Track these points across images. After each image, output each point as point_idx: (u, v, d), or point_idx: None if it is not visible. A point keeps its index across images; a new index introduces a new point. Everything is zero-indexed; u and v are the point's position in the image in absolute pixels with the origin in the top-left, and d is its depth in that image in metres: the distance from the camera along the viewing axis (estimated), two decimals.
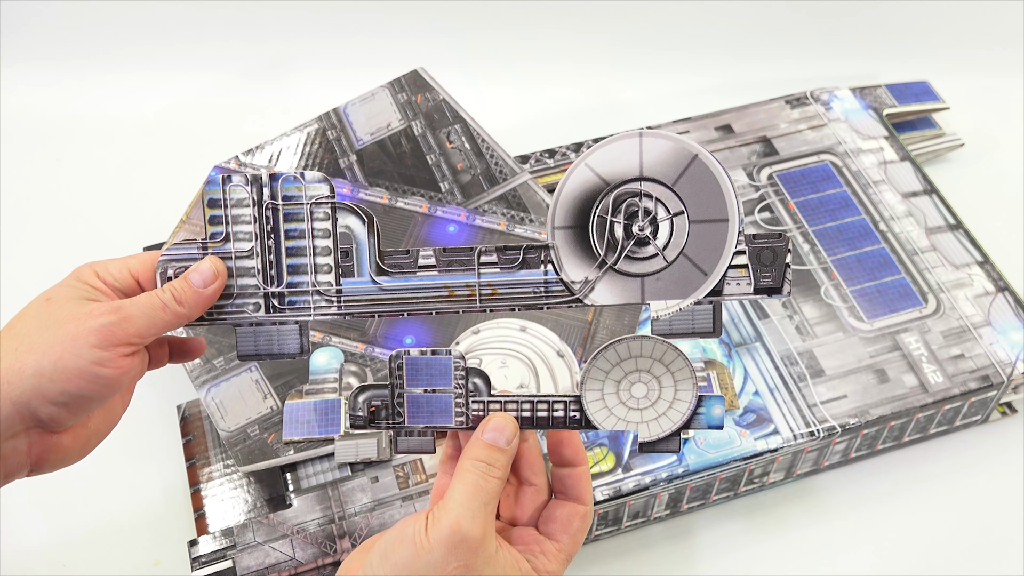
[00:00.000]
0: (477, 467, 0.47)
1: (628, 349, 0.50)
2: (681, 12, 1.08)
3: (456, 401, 0.50)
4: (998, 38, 1.08)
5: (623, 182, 0.50)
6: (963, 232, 0.84)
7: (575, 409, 0.51)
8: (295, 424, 0.71)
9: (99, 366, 0.45)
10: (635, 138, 0.50)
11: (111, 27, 1.07)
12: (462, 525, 0.44)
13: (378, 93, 0.89)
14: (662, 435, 0.50)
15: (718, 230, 0.49)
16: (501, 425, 0.48)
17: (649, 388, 0.51)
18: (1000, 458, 0.77)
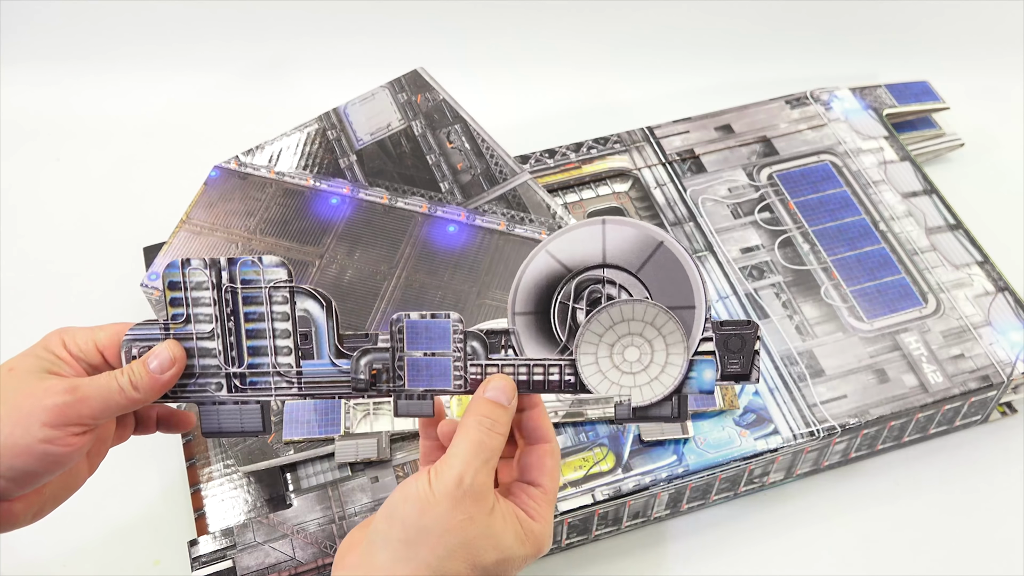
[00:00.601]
0: (482, 422, 0.48)
1: (621, 313, 0.50)
2: (681, 12, 1.08)
3: (455, 364, 0.51)
4: (998, 38, 1.08)
5: (585, 268, 0.51)
6: (963, 232, 0.84)
7: (570, 372, 0.51)
8: (295, 424, 0.71)
9: (48, 444, 0.45)
10: (598, 225, 0.50)
11: (111, 27, 1.07)
12: (465, 478, 0.46)
13: (378, 93, 0.89)
14: (654, 399, 0.50)
15: (684, 317, 0.50)
16: (502, 384, 0.49)
17: (642, 352, 0.50)
18: (1000, 458, 0.77)
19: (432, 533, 0.45)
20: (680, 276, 0.50)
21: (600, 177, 0.87)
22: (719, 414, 0.72)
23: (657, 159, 0.89)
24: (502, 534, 0.47)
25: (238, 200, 0.82)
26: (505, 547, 0.47)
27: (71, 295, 0.88)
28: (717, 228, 0.83)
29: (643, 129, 0.91)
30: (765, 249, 0.82)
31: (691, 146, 0.90)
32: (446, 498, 0.45)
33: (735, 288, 0.79)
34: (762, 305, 0.78)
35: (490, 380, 0.50)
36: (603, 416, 0.71)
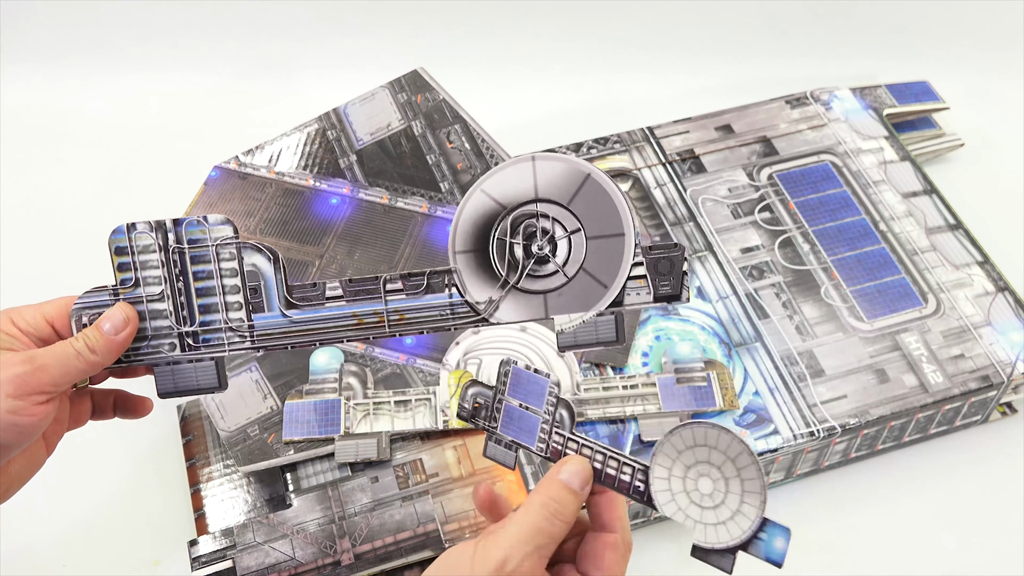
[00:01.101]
0: (547, 505, 0.46)
1: (705, 436, 0.49)
2: (681, 12, 1.08)
3: (542, 427, 0.51)
4: (998, 38, 1.08)
5: (519, 204, 0.51)
6: (963, 232, 0.84)
7: (641, 480, 0.50)
8: (295, 424, 0.71)
9: (14, 415, 0.45)
10: (528, 162, 0.51)
11: (111, 27, 1.07)
12: (509, 564, 0.44)
13: (378, 93, 0.89)
14: (717, 546, 0.49)
15: (615, 244, 0.51)
16: (578, 469, 0.48)
17: (716, 487, 0.49)
18: (1000, 458, 0.77)
19: None
20: (608, 206, 0.51)
21: None
22: (719, 414, 0.72)
23: (657, 159, 0.89)
24: None
25: (238, 200, 0.82)
26: None
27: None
28: (717, 228, 0.83)
29: (643, 129, 0.91)
30: (765, 249, 0.82)
31: (691, 146, 0.90)
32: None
33: (735, 288, 0.79)
34: (762, 305, 0.78)
35: (568, 461, 0.48)
36: (603, 416, 0.71)
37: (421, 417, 0.71)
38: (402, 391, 0.72)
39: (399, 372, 0.73)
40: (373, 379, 0.73)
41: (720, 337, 0.76)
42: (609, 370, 0.74)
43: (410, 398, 0.72)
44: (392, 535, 0.66)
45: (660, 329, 0.77)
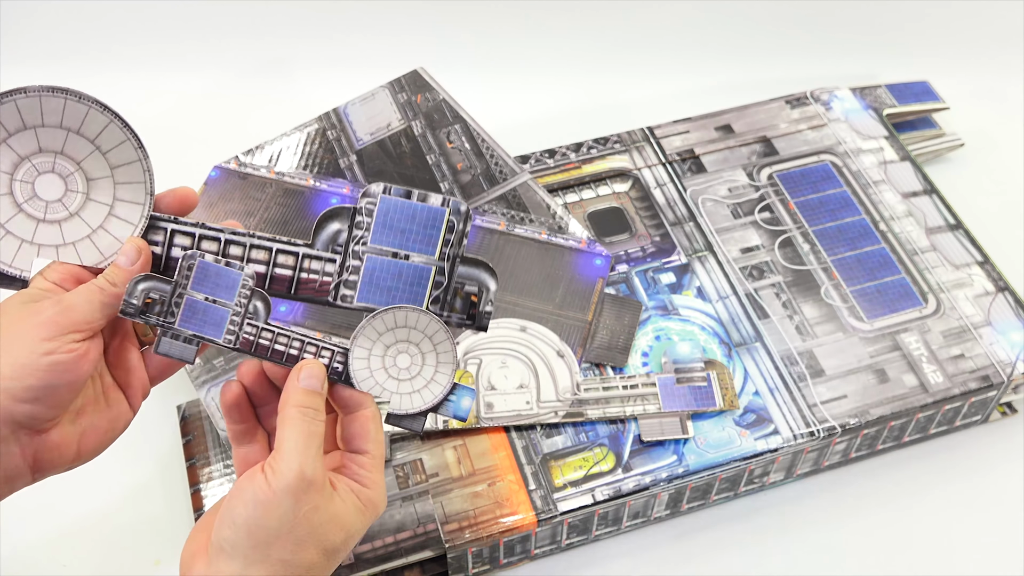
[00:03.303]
0: (305, 413, 0.48)
1: (406, 318, 0.51)
2: (682, 12, 1.08)
3: (232, 319, 0.51)
4: (998, 38, 1.08)
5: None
6: (963, 232, 0.84)
7: (340, 362, 0.51)
8: None
9: (51, 355, 0.46)
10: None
11: (111, 27, 1.07)
12: (306, 470, 0.46)
13: (378, 93, 0.89)
14: (411, 411, 0.52)
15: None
16: (315, 372, 0.50)
17: (413, 361, 0.52)
18: (1000, 458, 0.77)
19: (281, 531, 0.46)
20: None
21: (600, 177, 0.87)
22: (719, 414, 0.72)
23: (657, 159, 0.89)
24: (344, 513, 0.48)
25: (238, 200, 0.82)
26: (349, 523, 0.48)
27: None
28: (717, 228, 0.83)
29: (643, 129, 0.91)
30: (765, 249, 0.82)
31: (691, 146, 0.90)
32: (288, 495, 0.46)
33: (735, 288, 0.79)
34: (762, 305, 0.78)
35: (302, 367, 0.50)
36: (603, 416, 0.71)
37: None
38: None
39: None
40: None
41: (720, 337, 0.76)
42: (609, 370, 0.74)
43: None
44: (392, 535, 0.66)
45: (660, 329, 0.77)
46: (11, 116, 0.46)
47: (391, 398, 0.52)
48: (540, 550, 0.70)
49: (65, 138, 0.47)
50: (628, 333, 0.76)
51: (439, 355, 0.52)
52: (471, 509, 0.67)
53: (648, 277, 0.80)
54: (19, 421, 0.46)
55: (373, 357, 0.52)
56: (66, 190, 0.48)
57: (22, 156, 0.47)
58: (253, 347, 0.51)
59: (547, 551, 0.71)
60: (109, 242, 0.49)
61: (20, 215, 0.48)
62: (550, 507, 0.67)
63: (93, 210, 0.49)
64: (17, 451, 0.47)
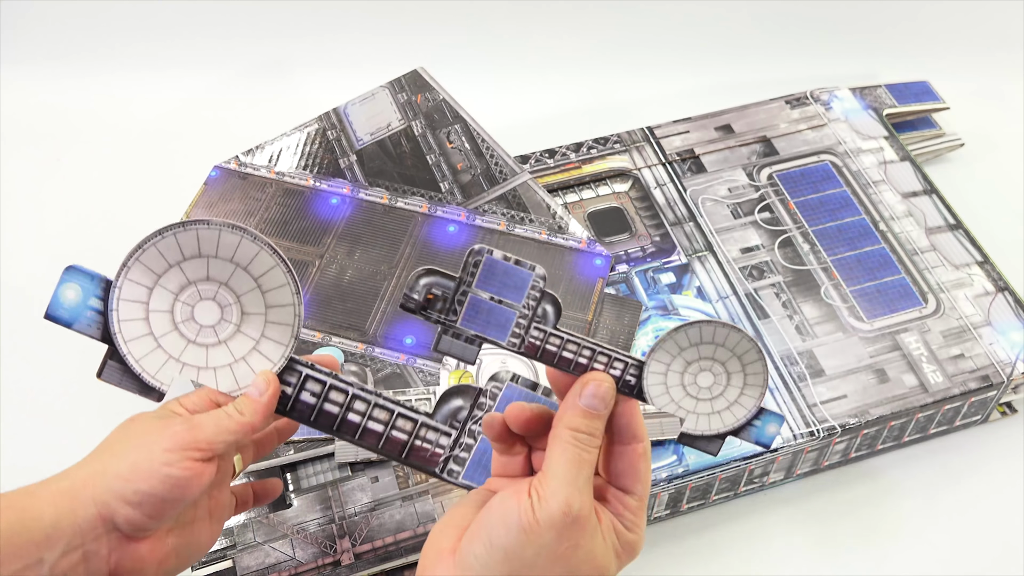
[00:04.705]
0: (579, 439, 0.45)
1: (713, 334, 0.48)
2: (681, 12, 1.08)
3: (518, 321, 0.48)
4: (998, 38, 1.08)
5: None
6: (963, 232, 0.84)
7: (633, 375, 0.48)
8: None
9: (168, 467, 0.47)
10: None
11: (111, 27, 1.07)
12: (573, 505, 0.43)
13: (378, 93, 0.89)
14: (708, 432, 0.49)
15: None
16: (600, 391, 0.46)
17: (716, 381, 0.49)
18: (1000, 458, 0.77)
19: (536, 564, 0.43)
20: None
21: (600, 177, 0.87)
22: None
23: (657, 159, 0.89)
24: (603, 554, 0.45)
25: (238, 200, 0.82)
26: (603, 565, 0.45)
27: None
28: (717, 228, 0.83)
29: (643, 129, 0.91)
30: (765, 249, 0.82)
31: (691, 146, 0.90)
32: (551, 528, 0.43)
33: (735, 288, 0.79)
34: (762, 305, 0.78)
35: (588, 382, 0.47)
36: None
37: None
38: (402, 391, 0.72)
39: (399, 372, 0.73)
40: (373, 379, 0.73)
41: None
42: None
43: (410, 398, 0.72)
44: (392, 535, 0.66)
45: (660, 329, 0.77)
46: (190, 243, 0.49)
47: (687, 417, 0.49)
48: None
49: (232, 271, 0.49)
50: (628, 333, 0.76)
51: (747, 376, 0.49)
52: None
53: (648, 277, 0.80)
54: (118, 523, 0.47)
55: (671, 373, 0.49)
56: (221, 319, 0.50)
57: (190, 280, 0.50)
58: (539, 352, 0.48)
59: None
60: (246, 373, 0.51)
61: (174, 333, 0.50)
62: None
63: (240, 342, 0.50)
64: (105, 552, 0.47)
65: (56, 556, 0.45)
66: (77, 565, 0.46)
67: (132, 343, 0.50)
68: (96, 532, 0.47)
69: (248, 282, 0.50)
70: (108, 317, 0.49)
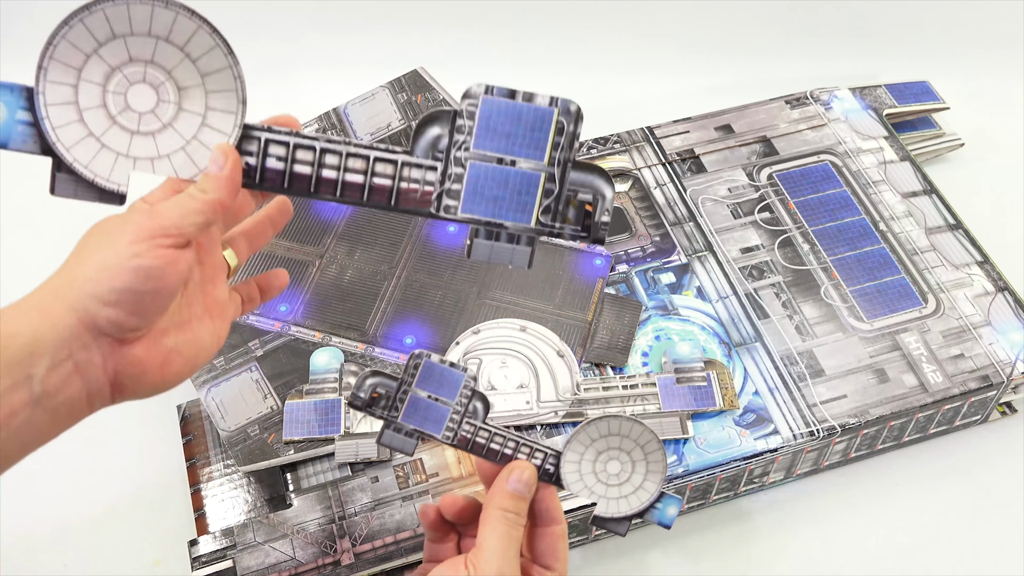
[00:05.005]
0: (507, 518, 0.51)
1: (619, 427, 0.54)
2: (681, 12, 1.08)
3: (452, 417, 0.54)
4: (998, 38, 1.08)
5: None
6: (963, 232, 0.84)
7: (552, 464, 0.54)
8: (295, 424, 0.71)
9: (138, 258, 0.45)
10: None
11: None
12: (505, 574, 0.49)
13: (378, 93, 0.89)
14: (616, 515, 0.55)
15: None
16: (523, 476, 0.52)
17: (623, 468, 0.55)
18: (1000, 458, 0.77)
19: None
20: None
21: None
22: (719, 414, 0.72)
23: (657, 159, 0.89)
24: None
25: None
26: None
27: None
28: (717, 228, 0.83)
29: (643, 129, 0.91)
30: (765, 249, 0.82)
31: (691, 146, 0.90)
32: None
33: (735, 288, 0.79)
34: (762, 305, 0.78)
35: (512, 469, 0.52)
36: (603, 416, 0.71)
37: None
38: None
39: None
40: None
41: (720, 337, 0.76)
42: (609, 370, 0.74)
43: None
44: (392, 535, 0.66)
45: (660, 329, 0.77)
46: (100, 25, 0.45)
47: (599, 501, 0.55)
48: None
49: (155, 46, 0.46)
50: (628, 333, 0.76)
51: (649, 464, 0.55)
52: None
53: (648, 277, 0.80)
54: (102, 326, 0.45)
55: (584, 461, 0.55)
56: (158, 100, 0.47)
57: (113, 66, 0.46)
58: (470, 445, 0.54)
59: None
60: (204, 154, 0.47)
61: (114, 127, 0.47)
62: None
63: (186, 120, 0.47)
64: (99, 360, 0.46)
65: (43, 371, 0.44)
66: (71, 377, 0.45)
67: (75, 148, 0.47)
68: (82, 340, 0.45)
69: (175, 54, 0.46)
70: (41, 127, 0.46)
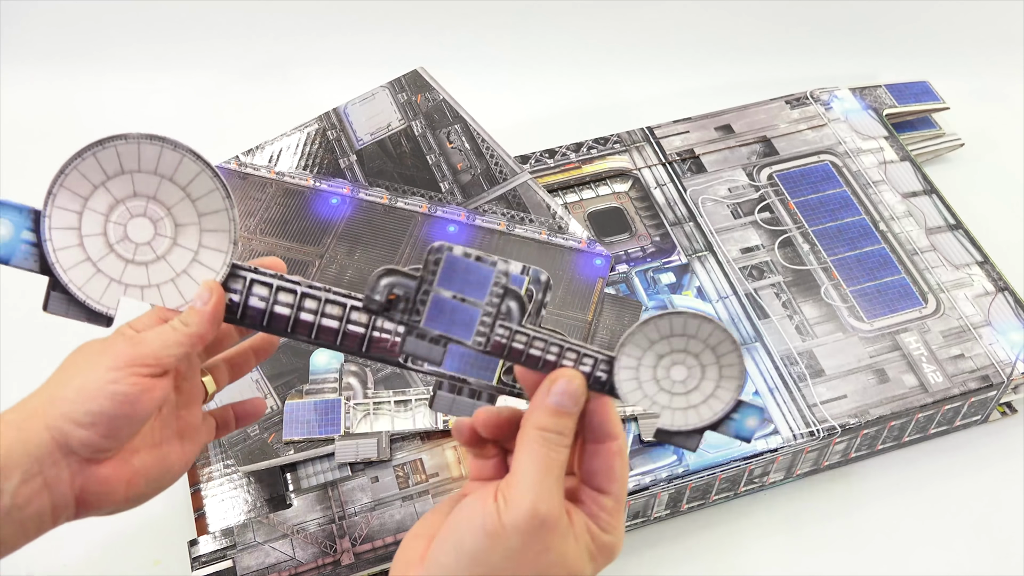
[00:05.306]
0: (547, 439, 0.44)
1: (684, 325, 0.46)
2: (682, 12, 1.08)
3: (483, 319, 0.46)
4: (998, 38, 1.08)
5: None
6: (963, 232, 0.84)
7: (603, 370, 0.46)
8: (295, 424, 0.71)
9: (114, 384, 0.46)
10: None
11: (111, 27, 1.07)
12: (540, 508, 0.42)
13: (378, 93, 0.89)
14: (684, 428, 0.47)
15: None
16: (569, 388, 0.45)
17: (691, 374, 0.46)
18: (1000, 458, 0.77)
19: (504, 568, 0.42)
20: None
21: (600, 177, 0.87)
22: None
23: (657, 159, 0.89)
24: (576, 557, 0.44)
25: (238, 200, 0.82)
26: (579, 569, 0.44)
27: None
28: (717, 228, 0.83)
29: (643, 129, 0.91)
30: (765, 249, 0.82)
31: (691, 146, 0.90)
32: (518, 532, 0.42)
33: (735, 288, 0.79)
34: (762, 305, 0.78)
35: (557, 379, 0.45)
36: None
37: (421, 417, 0.71)
38: (402, 391, 0.72)
39: (399, 372, 0.73)
40: (373, 379, 0.73)
41: None
42: None
43: (410, 398, 0.72)
44: (392, 535, 0.66)
45: None
46: (111, 161, 0.48)
47: (663, 412, 0.47)
48: None
49: (159, 184, 0.48)
50: None
51: (722, 368, 0.46)
52: None
53: (648, 277, 0.80)
54: (73, 446, 0.46)
55: (643, 367, 0.46)
56: (155, 234, 0.49)
57: (118, 199, 0.49)
58: (506, 351, 0.47)
59: None
60: (191, 286, 0.50)
61: (111, 255, 0.49)
62: None
63: (179, 255, 0.50)
64: (66, 477, 0.47)
65: (15, 485, 0.45)
66: (39, 492, 0.46)
67: (71, 271, 0.49)
68: (53, 458, 0.46)
69: (176, 192, 0.49)
70: (43, 248, 0.48)
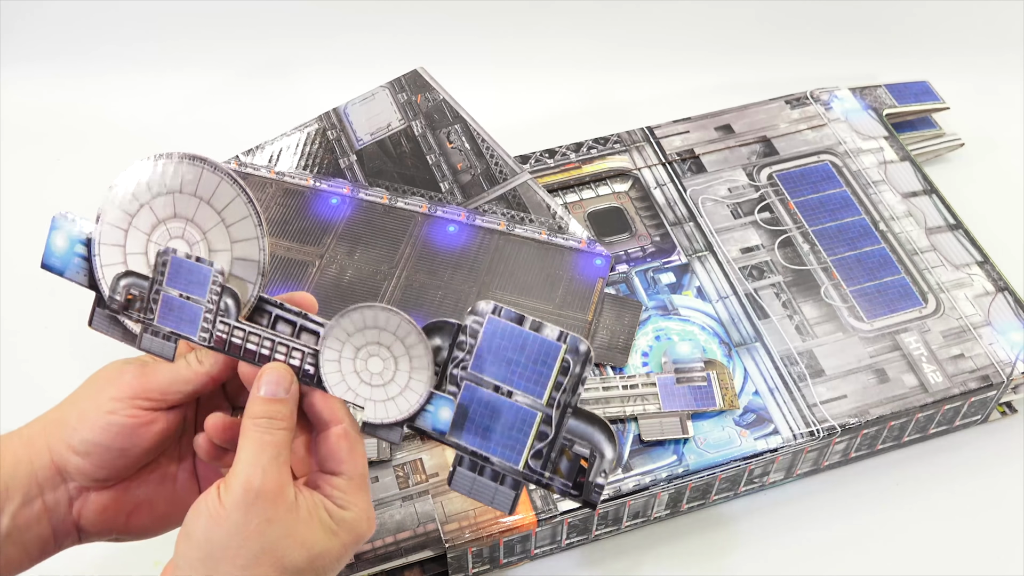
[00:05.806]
0: (260, 424, 0.46)
1: (375, 318, 0.48)
2: (681, 12, 1.08)
3: (205, 316, 0.49)
4: (998, 38, 1.07)
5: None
6: (963, 232, 0.84)
7: (311, 364, 0.48)
8: None
9: (112, 415, 0.46)
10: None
11: (111, 27, 1.07)
12: (252, 482, 0.44)
13: (378, 93, 0.89)
14: (386, 420, 0.48)
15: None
16: (275, 377, 0.47)
17: (386, 366, 0.48)
18: (1000, 458, 0.77)
19: (230, 545, 0.43)
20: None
21: (600, 177, 0.87)
22: (719, 414, 0.72)
23: (657, 159, 0.89)
24: (308, 530, 0.44)
25: None
26: (314, 542, 0.45)
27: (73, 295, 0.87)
28: (717, 228, 0.83)
29: (643, 129, 0.91)
30: (765, 249, 0.82)
31: (691, 146, 0.90)
32: (236, 508, 0.43)
33: (735, 288, 0.79)
34: (762, 305, 0.78)
35: (263, 373, 0.47)
36: (603, 416, 0.71)
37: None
38: None
39: None
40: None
41: (720, 337, 0.76)
42: (609, 370, 0.74)
43: None
44: (392, 535, 0.66)
45: (660, 329, 0.77)
46: (156, 179, 0.49)
47: (366, 405, 0.48)
48: (540, 550, 0.70)
49: (197, 206, 0.49)
50: (628, 333, 0.76)
51: (412, 359, 0.47)
52: (471, 509, 0.67)
53: (648, 277, 0.80)
54: (70, 473, 0.46)
55: (344, 360, 0.48)
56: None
57: (159, 219, 0.49)
58: (227, 346, 0.49)
59: (547, 551, 0.71)
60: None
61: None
62: (550, 507, 0.67)
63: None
64: (65, 500, 0.47)
65: (16, 506, 0.45)
66: (40, 516, 0.46)
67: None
68: (54, 482, 0.46)
69: (212, 216, 0.49)
70: (92, 263, 0.49)
